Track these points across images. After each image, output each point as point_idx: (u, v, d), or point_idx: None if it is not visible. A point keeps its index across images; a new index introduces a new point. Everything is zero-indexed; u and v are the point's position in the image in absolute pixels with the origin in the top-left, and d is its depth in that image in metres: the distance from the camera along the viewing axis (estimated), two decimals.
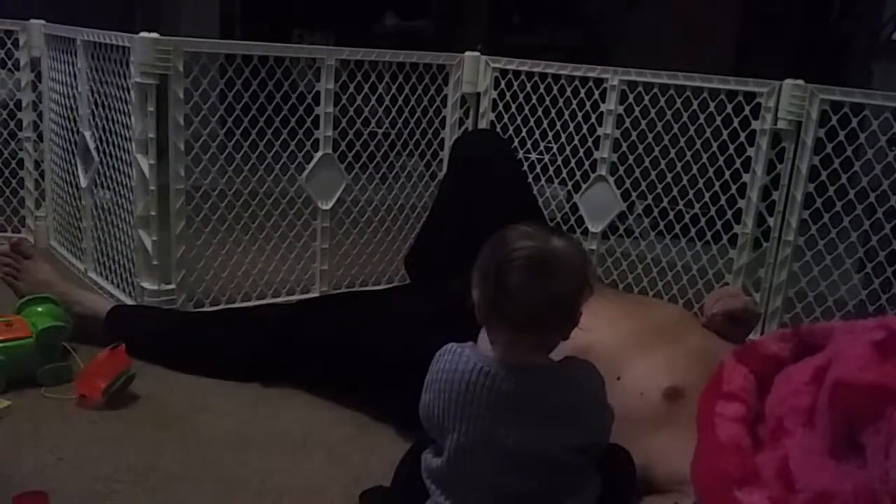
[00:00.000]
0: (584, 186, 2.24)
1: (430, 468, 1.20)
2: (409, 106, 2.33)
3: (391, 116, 2.35)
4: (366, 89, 2.26)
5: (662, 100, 2.10)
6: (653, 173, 2.18)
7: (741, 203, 2.00)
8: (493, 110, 2.36)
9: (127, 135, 2.00)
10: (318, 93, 2.15)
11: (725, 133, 2.05)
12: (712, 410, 1.18)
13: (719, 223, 2.09)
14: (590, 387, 1.17)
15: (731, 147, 2.03)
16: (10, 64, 2.51)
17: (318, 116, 2.16)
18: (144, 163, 1.95)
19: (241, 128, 2.14)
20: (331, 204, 2.22)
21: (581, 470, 1.16)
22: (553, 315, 1.11)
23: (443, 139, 2.38)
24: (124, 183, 2.05)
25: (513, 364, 1.12)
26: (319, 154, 2.18)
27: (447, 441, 1.16)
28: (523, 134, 2.32)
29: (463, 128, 2.39)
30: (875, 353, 0.99)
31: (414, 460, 1.25)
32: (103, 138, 2.14)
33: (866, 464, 0.95)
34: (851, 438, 0.98)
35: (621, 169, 2.20)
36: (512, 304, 1.09)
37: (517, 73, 2.31)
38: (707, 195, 2.12)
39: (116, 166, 2.09)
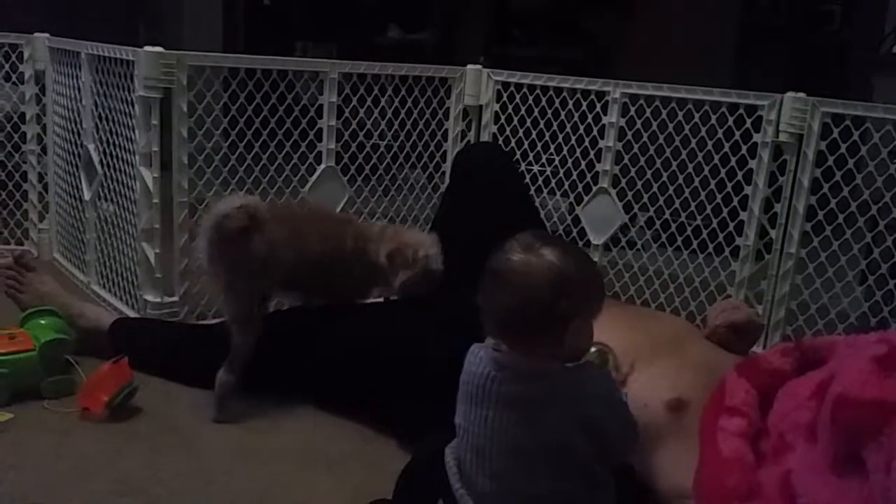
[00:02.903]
0: (586, 199, 2.25)
1: (457, 467, 1.19)
2: (412, 118, 2.34)
3: (394, 129, 2.36)
4: (368, 102, 2.27)
5: (664, 112, 2.11)
6: (654, 185, 2.19)
7: (743, 215, 2.00)
8: (495, 123, 2.37)
9: (130, 148, 2.00)
10: (321, 106, 2.16)
11: (727, 145, 2.05)
12: (715, 425, 1.18)
13: (721, 235, 2.09)
14: (597, 392, 1.14)
15: (733, 159, 2.03)
16: (14, 77, 2.52)
17: (321, 129, 2.17)
18: (148, 176, 1.95)
19: (245, 140, 2.15)
20: None
21: (593, 478, 1.14)
22: (526, 324, 1.10)
23: (445, 152, 2.39)
24: (128, 196, 2.06)
25: (518, 369, 1.12)
26: (322, 167, 2.19)
27: (464, 442, 1.16)
28: (525, 146, 2.33)
29: (465, 140, 2.40)
30: (876, 369, 0.99)
31: (415, 473, 1.25)
32: (107, 151, 2.15)
33: (868, 479, 0.95)
34: (853, 454, 0.98)
35: (623, 181, 2.20)
36: (486, 315, 1.13)
37: (519, 86, 2.32)
38: (709, 207, 2.12)
39: (120, 179, 2.10)
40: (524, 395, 1.11)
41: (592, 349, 1.29)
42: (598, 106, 2.17)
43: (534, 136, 2.32)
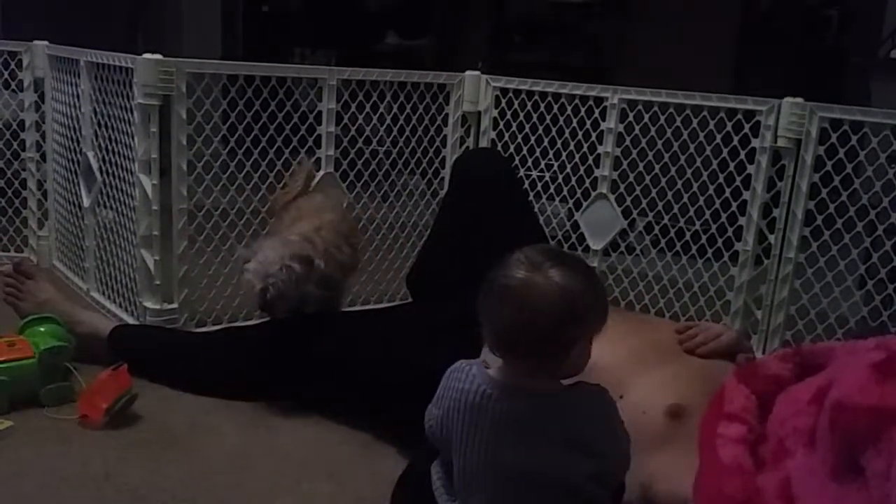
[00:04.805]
0: (585, 204, 2.25)
1: (441, 483, 1.18)
2: (411, 125, 2.34)
3: (392, 135, 2.36)
4: (367, 108, 2.28)
5: (662, 118, 2.11)
6: (653, 191, 2.19)
7: (742, 220, 2.00)
8: (494, 129, 2.37)
9: (130, 155, 2.01)
10: (319, 112, 2.16)
11: (725, 151, 2.06)
12: (714, 431, 1.18)
13: (720, 240, 2.09)
14: (594, 412, 1.13)
15: (732, 164, 2.04)
16: (13, 84, 2.52)
17: (319, 136, 2.17)
18: (147, 183, 1.96)
19: (244, 147, 2.15)
20: None
21: (590, 498, 1.12)
22: (528, 344, 1.08)
23: (444, 158, 2.39)
24: (127, 203, 2.06)
25: (514, 386, 1.10)
26: (321, 173, 2.19)
27: (456, 461, 1.15)
28: (524, 152, 2.33)
29: (464, 146, 2.40)
30: (875, 375, 0.99)
31: (411, 480, 1.25)
32: (106, 158, 2.15)
33: (867, 485, 0.95)
34: (852, 460, 0.98)
35: (622, 186, 2.21)
36: (487, 328, 1.10)
37: (517, 92, 2.32)
38: (708, 212, 2.12)
39: (119, 186, 2.10)
40: (521, 413, 1.09)
41: None
42: (597, 111, 2.18)
43: (532, 141, 2.32)
